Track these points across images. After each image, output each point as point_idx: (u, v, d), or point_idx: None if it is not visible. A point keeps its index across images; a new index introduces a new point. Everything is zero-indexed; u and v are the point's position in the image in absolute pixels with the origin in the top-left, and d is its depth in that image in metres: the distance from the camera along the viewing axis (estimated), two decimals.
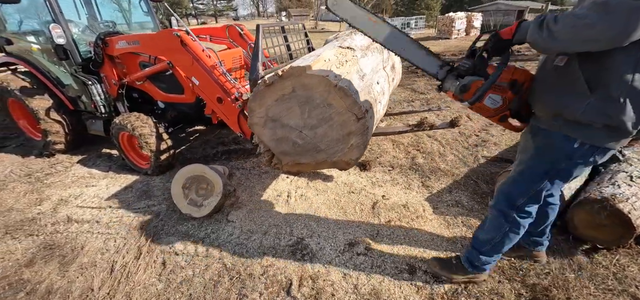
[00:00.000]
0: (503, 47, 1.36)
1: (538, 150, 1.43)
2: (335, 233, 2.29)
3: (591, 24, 1.02)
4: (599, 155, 1.30)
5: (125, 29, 4.25)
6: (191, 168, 2.46)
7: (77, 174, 3.51)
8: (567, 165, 1.37)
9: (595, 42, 1.06)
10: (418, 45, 1.59)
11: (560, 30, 1.10)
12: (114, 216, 2.67)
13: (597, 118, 1.19)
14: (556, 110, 1.29)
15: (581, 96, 1.19)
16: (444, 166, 3.21)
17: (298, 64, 1.67)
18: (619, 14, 0.97)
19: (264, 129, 1.98)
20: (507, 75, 1.41)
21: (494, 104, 1.45)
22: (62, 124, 3.79)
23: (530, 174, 1.49)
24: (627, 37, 1.00)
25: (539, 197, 1.52)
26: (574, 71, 1.19)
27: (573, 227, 2.17)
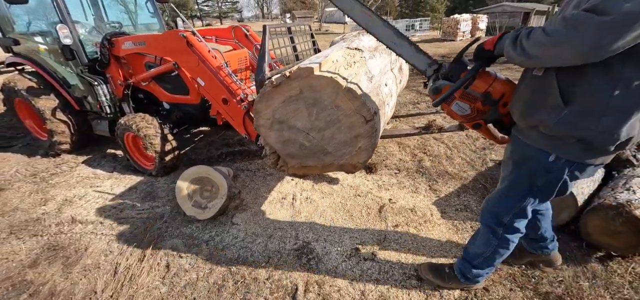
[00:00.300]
0: (484, 57, 1.32)
1: (516, 165, 1.37)
2: (342, 237, 2.25)
3: (559, 41, 0.98)
4: (579, 170, 1.24)
5: (131, 30, 4.26)
6: (196, 170, 2.43)
7: (82, 174, 3.51)
8: (546, 180, 1.30)
9: (565, 59, 1.01)
10: (408, 42, 1.57)
11: (531, 47, 1.06)
12: (118, 217, 2.66)
13: (570, 132, 1.13)
14: (532, 122, 1.23)
15: (555, 108, 1.13)
16: (451, 169, 3.16)
17: (306, 65, 1.64)
18: (587, 30, 0.91)
19: (270, 130, 1.95)
20: (482, 85, 1.35)
21: (461, 111, 1.42)
22: (67, 124, 3.80)
23: (512, 190, 1.43)
24: (598, 53, 0.94)
25: (525, 213, 1.46)
26: (550, 82, 1.13)
27: (586, 233, 2.11)
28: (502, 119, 1.43)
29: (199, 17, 57.93)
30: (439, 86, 1.42)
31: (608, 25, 0.89)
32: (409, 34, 22.41)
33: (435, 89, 1.43)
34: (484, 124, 1.46)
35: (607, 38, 0.90)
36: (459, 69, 1.40)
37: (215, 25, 52.23)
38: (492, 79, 1.36)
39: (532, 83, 1.22)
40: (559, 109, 1.11)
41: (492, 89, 1.34)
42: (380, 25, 1.59)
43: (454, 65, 1.42)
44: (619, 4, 0.87)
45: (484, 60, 1.33)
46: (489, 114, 1.40)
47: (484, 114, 1.40)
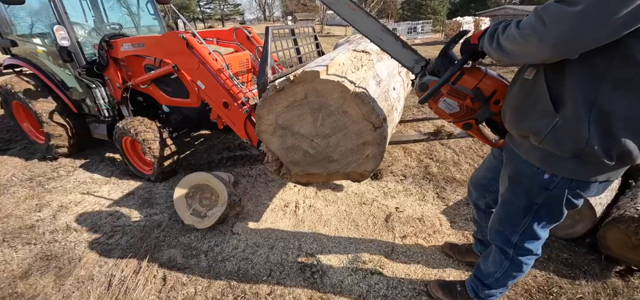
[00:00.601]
0: (470, 51, 1.22)
1: (511, 182, 1.26)
2: (347, 249, 2.15)
3: (528, 35, 0.89)
4: (581, 189, 1.09)
5: (132, 31, 4.19)
6: (195, 176, 2.34)
7: (79, 179, 3.42)
8: (546, 199, 1.16)
9: (536, 55, 0.92)
10: (394, 37, 1.48)
11: (505, 42, 0.97)
12: (114, 225, 2.56)
13: (564, 143, 0.99)
14: (522, 130, 1.11)
15: (547, 116, 1.00)
16: (459, 176, 3.05)
17: (311, 69, 1.55)
18: (556, 23, 0.83)
19: (272, 137, 1.85)
20: (471, 81, 1.26)
21: (449, 109, 1.32)
22: (65, 128, 3.72)
23: (511, 210, 1.32)
24: (568, 48, 0.84)
25: (534, 233, 1.32)
26: (540, 85, 1.01)
27: (605, 246, 2.00)
28: (495, 119, 1.33)
29: (201, 19, 58.15)
30: (426, 82, 1.34)
31: (577, 17, 0.78)
32: (411, 36, 22.31)
33: (421, 85, 1.36)
34: (475, 123, 1.36)
35: (577, 31, 0.80)
36: (446, 64, 1.32)
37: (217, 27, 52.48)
38: (482, 74, 1.26)
39: (523, 87, 1.10)
40: (550, 115, 0.99)
41: (482, 84, 1.25)
42: (365, 19, 1.50)
43: (441, 59, 1.33)
44: None
45: (470, 55, 1.24)
46: (480, 112, 1.30)
47: (475, 113, 1.31)
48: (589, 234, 2.12)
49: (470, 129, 1.39)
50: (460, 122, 1.38)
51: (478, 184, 1.72)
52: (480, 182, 1.70)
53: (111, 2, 4.18)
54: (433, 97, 1.33)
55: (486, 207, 1.73)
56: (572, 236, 2.15)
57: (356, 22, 1.52)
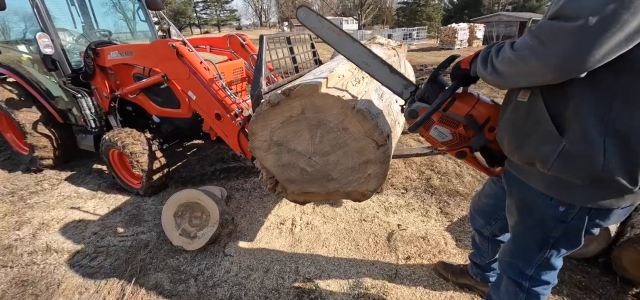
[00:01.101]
0: (461, 76, 1.13)
1: (521, 214, 1.14)
2: (348, 272, 2.00)
3: (526, 57, 0.81)
4: (601, 218, 0.98)
5: (127, 37, 4.06)
6: (184, 194, 2.19)
7: (63, 193, 3.25)
8: (564, 231, 1.04)
9: (539, 76, 0.82)
10: (381, 62, 1.39)
11: (501, 65, 0.89)
12: (98, 245, 2.39)
13: (576, 170, 0.88)
14: (526, 157, 1.00)
15: (550, 140, 0.90)
16: (462, 189, 2.94)
17: (309, 82, 1.42)
18: (556, 41, 0.73)
19: (267, 153, 1.72)
20: (463, 107, 1.17)
21: (442, 137, 1.24)
22: (50, 138, 3.56)
23: (524, 243, 1.20)
24: (574, 67, 0.74)
25: (551, 264, 1.19)
26: (538, 108, 0.92)
27: (621, 267, 1.89)
28: (491, 147, 1.24)
29: (198, 25, 58.06)
30: (415, 109, 1.26)
31: (580, 32, 0.70)
32: (407, 42, 22.42)
33: (410, 112, 1.27)
34: (469, 152, 1.27)
35: (582, 48, 0.71)
36: (437, 90, 1.24)
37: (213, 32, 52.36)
38: (475, 100, 1.18)
39: (518, 110, 1.00)
40: (554, 140, 0.89)
41: (475, 111, 1.17)
42: (350, 44, 1.42)
43: (430, 85, 1.25)
44: (589, 4, 0.67)
45: (462, 80, 1.15)
46: (474, 140, 1.21)
47: (469, 141, 1.22)
48: (603, 254, 2.01)
49: (464, 157, 1.30)
50: (453, 150, 1.29)
51: (481, 211, 1.60)
52: (483, 209, 1.58)
53: (106, 8, 4.04)
54: (424, 124, 1.25)
55: (491, 236, 1.61)
56: (585, 256, 2.04)
57: (341, 47, 1.45)
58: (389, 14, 47.09)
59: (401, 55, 2.43)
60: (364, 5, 35.06)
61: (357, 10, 35.25)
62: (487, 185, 1.57)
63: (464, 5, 40.63)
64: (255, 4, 71.47)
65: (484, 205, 1.57)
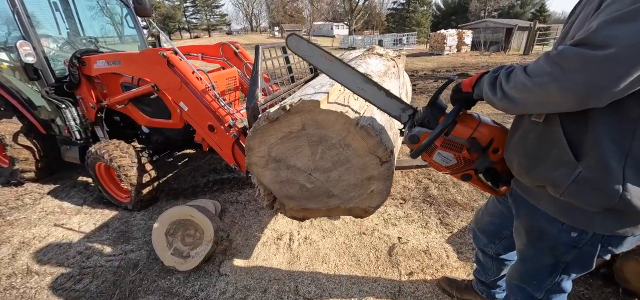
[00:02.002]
0: (463, 100, 1.11)
1: (530, 238, 1.11)
2: (349, 291, 1.93)
3: (545, 84, 0.76)
4: (614, 245, 0.96)
5: (116, 44, 3.92)
6: (176, 211, 2.08)
7: (46, 209, 3.08)
8: (576, 256, 1.01)
9: (556, 105, 0.79)
10: (377, 86, 1.35)
11: (513, 90, 0.85)
12: (83, 266, 2.26)
13: (590, 198, 0.85)
14: (537, 180, 0.97)
15: (566, 165, 0.86)
16: (460, 198, 2.91)
17: (310, 98, 1.36)
18: (580, 69, 0.70)
19: (264, 170, 1.64)
20: (466, 131, 1.14)
21: (446, 161, 1.20)
22: (32, 150, 3.39)
23: (534, 268, 1.16)
24: (597, 97, 0.71)
25: (560, 288, 1.16)
26: (555, 130, 0.88)
27: (623, 279, 1.88)
28: (496, 167, 1.20)
29: (188, 30, 57.51)
30: (417, 134, 1.21)
31: (608, 62, 0.66)
32: (397, 47, 22.70)
33: (411, 137, 1.23)
34: (474, 174, 1.24)
35: (608, 78, 0.67)
36: (437, 114, 1.20)
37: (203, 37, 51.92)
38: (477, 122, 1.15)
39: (532, 131, 0.96)
40: (570, 165, 0.86)
41: (477, 133, 1.13)
42: (344, 70, 1.38)
43: (430, 109, 1.22)
44: (621, 33, 0.64)
45: (463, 103, 1.13)
46: (479, 162, 1.17)
47: (473, 163, 1.18)
48: (605, 265, 1.99)
49: (469, 179, 1.26)
50: (458, 173, 1.25)
51: (485, 230, 1.56)
52: (487, 228, 1.53)
53: (92, 13, 3.91)
54: (426, 150, 1.20)
55: (495, 255, 1.57)
56: None
57: (334, 74, 1.40)
58: (379, 20, 47.67)
59: (400, 66, 2.39)
60: (354, 11, 35.37)
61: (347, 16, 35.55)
62: (490, 203, 1.52)
63: (451, 11, 41.52)
64: (246, 9, 71.33)
65: (487, 224, 1.53)
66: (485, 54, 18.23)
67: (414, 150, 1.22)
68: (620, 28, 0.65)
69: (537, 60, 0.81)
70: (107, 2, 3.94)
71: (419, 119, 1.26)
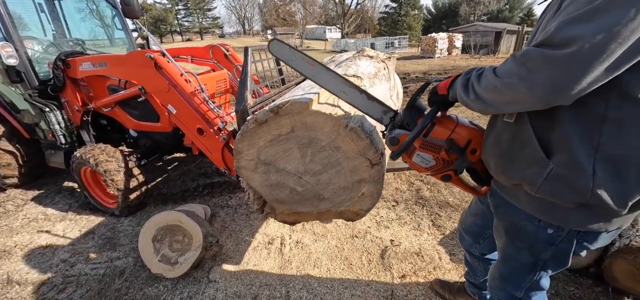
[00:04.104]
0: (439, 102, 1.13)
1: (509, 236, 1.12)
2: (341, 296, 1.90)
3: (514, 84, 0.79)
4: (589, 241, 0.98)
5: (103, 46, 3.84)
6: (163, 216, 2.03)
7: (29, 215, 2.98)
8: (553, 253, 1.03)
9: (525, 104, 0.81)
10: (358, 89, 1.37)
11: (484, 92, 0.88)
12: (67, 274, 2.18)
13: (563, 194, 0.86)
14: (513, 179, 0.98)
15: (538, 163, 0.88)
16: (452, 199, 2.92)
17: (299, 99, 1.33)
18: (543, 69, 0.72)
19: (254, 173, 1.61)
20: (443, 132, 1.16)
21: (425, 163, 1.22)
22: (14, 155, 3.29)
23: (514, 267, 1.17)
24: (561, 96, 0.73)
25: (538, 285, 1.18)
26: (524, 129, 0.90)
27: (612, 278, 1.90)
28: (475, 167, 1.22)
29: (179, 32, 57.02)
30: (396, 136, 1.23)
31: (568, 61, 0.68)
32: (389, 51, 22.87)
33: (391, 139, 1.24)
34: (454, 175, 1.25)
35: (569, 76, 0.70)
36: (415, 116, 1.23)
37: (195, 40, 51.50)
38: (454, 123, 1.16)
39: (505, 132, 0.97)
40: (541, 163, 0.87)
41: (455, 135, 1.15)
42: (326, 74, 1.39)
43: (408, 111, 1.24)
44: (578, 33, 0.66)
45: (440, 105, 1.15)
46: (458, 163, 1.19)
47: (452, 164, 1.20)
48: (594, 264, 2.01)
49: (449, 180, 1.27)
50: (438, 174, 1.26)
51: (469, 231, 1.57)
52: (472, 229, 1.54)
53: (79, 14, 3.82)
54: (406, 151, 1.22)
55: (480, 255, 1.58)
56: (577, 267, 2.04)
57: (317, 78, 1.40)
58: (371, 23, 48.07)
59: (391, 67, 2.39)
60: (347, 15, 35.60)
61: (340, 19, 35.77)
62: (473, 204, 1.54)
63: (442, 15, 42.13)
64: (239, 12, 71.14)
65: (471, 225, 1.54)
66: (475, 56, 18.52)
67: (394, 152, 1.23)
68: (578, 28, 0.67)
69: (506, 61, 0.83)
70: (95, 4, 3.86)
71: (398, 121, 1.27)
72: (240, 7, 69.87)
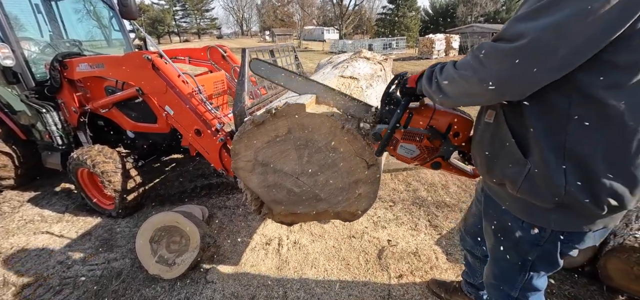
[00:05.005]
0: (409, 94, 1.15)
1: (497, 237, 1.13)
2: (339, 296, 1.91)
3: (468, 77, 0.83)
4: (574, 242, 0.97)
5: (100, 47, 3.83)
6: (161, 218, 2.03)
7: (25, 217, 2.97)
8: (540, 254, 1.03)
9: (479, 96, 0.85)
10: (340, 93, 1.41)
11: (444, 83, 0.91)
12: (63, 276, 2.17)
13: (541, 193, 0.87)
14: (496, 178, 1.00)
15: (517, 162, 0.89)
16: (449, 199, 2.94)
17: (295, 100, 1.35)
18: (493, 62, 0.76)
19: (251, 174, 1.62)
20: (422, 120, 1.19)
21: (410, 153, 1.25)
22: (10, 157, 3.27)
23: (504, 267, 1.18)
24: (510, 88, 0.77)
25: (533, 286, 1.18)
26: (503, 129, 0.92)
27: (607, 277, 1.91)
28: (464, 150, 1.23)
29: (177, 33, 56.88)
30: (378, 131, 1.25)
31: (515, 54, 0.71)
32: (387, 52, 22.93)
33: (374, 135, 1.26)
34: (443, 161, 1.26)
35: (516, 70, 0.73)
36: (393, 109, 1.25)
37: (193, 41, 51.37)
38: (432, 110, 1.19)
39: (486, 132, 1.00)
40: (520, 162, 0.88)
41: (434, 121, 1.17)
42: (304, 84, 1.47)
43: (384, 106, 1.27)
44: (527, 29, 0.69)
45: (410, 97, 1.17)
46: (443, 149, 1.21)
47: (437, 151, 1.22)
48: (589, 263, 2.03)
49: (439, 167, 1.28)
50: (426, 163, 1.28)
51: (470, 231, 1.57)
52: (472, 230, 1.54)
53: (76, 15, 3.81)
54: (389, 145, 1.25)
55: (483, 256, 1.58)
56: (572, 265, 2.06)
57: (296, 88, 1.49)
58: (369, 25, 48.19)
59: (387, 69, 2.41)
60: (345, 16, 35.68)
61: (338, 21, 35.85)
62: (474, 204, 1.54)
63: (439, 16, 42.29)
64: (237, 13, 71.08)
65: (472, 225, 1.54)
66: None
67: (377, 147, 1.25)
68: (527, 24, 0.70)
69: (466, 55, 0.86)
70: (92, 5, 3.86)
71: (378, 117, 1.29)
72: (238, 8, 69.83)
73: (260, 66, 1.55)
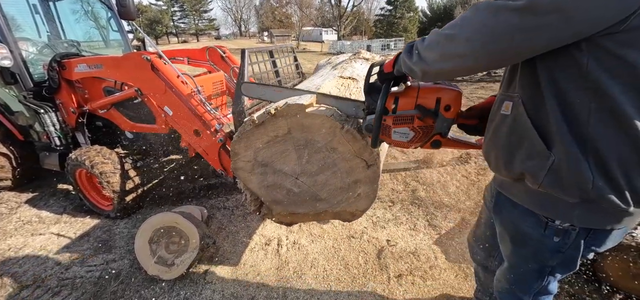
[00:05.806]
0: (389, 79, 1.16)
1: (515, 244, 1.09)
2: (338, 296, 1.91)
3: (453, 35, 0.83)
4: (597, 243, 0.94)
5: (99, 48, 3.82)
6: (160, 218, 2.03)
7: (23, 218, 2.95)
8: (561, 260, 1.01)
9: (462, 57, 0.83)
10: (329, 95, 1.44)
11: (426, 49, 0.91)
12: (61, 277, 2.17)
13: (566, 187, 0.83)
14: (515, 173, 0.95)
15: (539, 155, 0.85)
16: (448, 200, 2.95)
17: (295, 101, 1.35)
18: (483, 18, 0.76)
19: (251, 174, 1.62)
20: (409, 101, 1.19)
21: (405, 137, 1.24)
22: (8, 157, 3.26)
23: (521, 273, 1.15)
24: (500, 46, 0.77)
25: (547, 290, 1.17)
26: (522, 121, 0.88)
27: (606, 276, 1.93)
28: (462, 122, 1.23)
29: (175, 34, 56.74)
30: (369, 123, 1.25)
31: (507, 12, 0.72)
32: (385, 52, 23.00)
33: (366, 127, 1.27)
34: (441, 137, 1.24)
35: (508, 26, 0.73)
36: (377, 98, 1.24)
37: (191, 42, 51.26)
38: (416, 89, 1.18)
39: (503, 125, 0.96)
40: (543, 155, 0.84)
41: (421, 99, 1.17)
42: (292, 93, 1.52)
43: (369, 97, 1.27)
44: None
45: (390, 83, 1.17)
46: (438, 126, 1.19)
47: (432, 129, 1.20)
48: (587, 261, 2.04)
49: (440, 145, 1.27)
50: (426, 143, 1.26)
51: (481, 242, 1.49)
52: (484, 241, 1.47)
53: (74, 16, 3.80)
54: (382, 133, 1.25)
55: (496, 269, 1.48)
56: None
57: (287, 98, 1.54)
58: (367, 26, 48.26)
59: None
60: (343, 17, 35.73)
61: (336, 22, 35.89)
62: (483, 213, 1.46)
63: (437, 17, 42.44)
64: (235, 14, 71.03)
65: (482, 235, 1.47)
66: None
67: (371, 140, 1.25)
68: None
69: None
70: (91, 5, 3.85)
71: (366, 109, 1.29)
72: (236, 9, 69.78)
73: (250, 89, 1.64)
